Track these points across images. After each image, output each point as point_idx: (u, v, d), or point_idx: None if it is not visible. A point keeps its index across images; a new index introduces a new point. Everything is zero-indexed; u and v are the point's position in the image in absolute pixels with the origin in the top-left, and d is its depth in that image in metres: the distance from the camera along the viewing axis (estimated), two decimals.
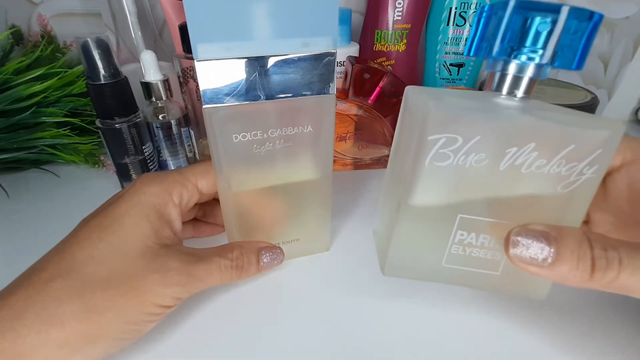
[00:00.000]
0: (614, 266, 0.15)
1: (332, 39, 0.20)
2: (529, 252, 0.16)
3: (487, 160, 0.17)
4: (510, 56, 0.16)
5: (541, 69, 0.16)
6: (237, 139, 0.21)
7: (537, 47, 0.16)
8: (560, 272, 0.16)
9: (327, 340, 0.22)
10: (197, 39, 0.18)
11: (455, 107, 0.17)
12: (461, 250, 0.19)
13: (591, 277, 0.15)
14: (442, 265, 0.20)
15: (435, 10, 0.44)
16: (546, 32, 0.15)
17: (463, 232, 0.19)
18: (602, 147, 0.16)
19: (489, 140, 0.17)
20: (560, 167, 0.17)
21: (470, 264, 0.20)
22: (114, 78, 0.30)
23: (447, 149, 0.17)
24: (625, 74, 0.52)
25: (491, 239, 0.19)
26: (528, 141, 0.16)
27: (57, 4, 0.45)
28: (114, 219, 0.20)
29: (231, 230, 0.25)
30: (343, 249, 0.29)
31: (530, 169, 0.17)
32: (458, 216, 0.19)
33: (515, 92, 0.17)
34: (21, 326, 0.16)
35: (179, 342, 0.22)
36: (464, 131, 0.16)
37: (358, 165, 0.41)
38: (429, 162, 0.17)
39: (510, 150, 0.17)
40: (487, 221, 0.18)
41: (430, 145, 0.17)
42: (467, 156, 0.17)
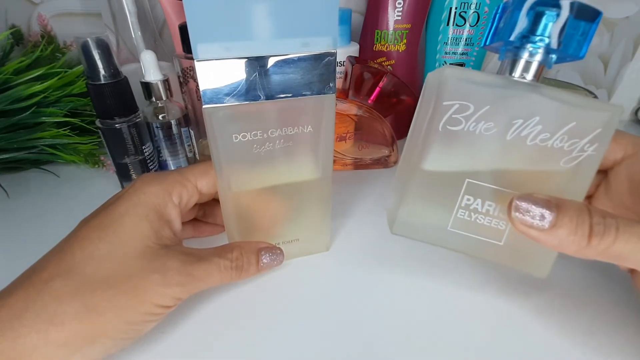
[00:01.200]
0: (611, 232, 0.16)
1: (332, 39, 0.20)
2: (530, 216, 0.17)
3: (496, 129, 0.19)
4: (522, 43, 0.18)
5: (549, 55, 0.18)
6: (237, 139, 0.21)
7: (545, 36, 0.18)
8: (558, 237, 0.16)
9: (327, 340, 0.22)
10: (197, 39, 0.18)
11: (469, 78, 0.19)
12: (467, 215, 0.20)
13: (588, 242, 0.16)
14: (448, 229, 0.21)
15: (435, 10, 0.44)
16: (552, 23, 0.17)
17: (469, 197, 0.20)
18: (602, 127, 0.18)
19: (498, 110, 0.18)
20: (563, 142, 0.18)
21: (475, 231, 0.21)
22: (114, 78, 0.30)
23: (459, 115, 0.18)
24: (625, 74, 0.52)
25: (496, 207, 0.20)
26: (533, 114, 0.18)
27: (57, 4, 0.45)
28: (114, 218, 0.20)
29: (231, 230, 0.25)
30: (343, 249, 0.29)
31: (535, 141, 0.18)
32: (466, 180, 0.20)
33: (525, 75, 0.19)
34: (21, 326, 0.16)
35: (179, 342, 0.22)
36: (475, 100, 0.18)
37: (358, 165, 0.41)
38: (442, 126, 0.19)
39: (517, 122, 0.18)
40: (493, 188, 0.20)
41: (444, 110, 0.18)
42: (477, 123, 0.19)
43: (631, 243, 0.16)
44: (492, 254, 0.21)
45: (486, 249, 0.21)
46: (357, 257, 0.28)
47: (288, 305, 0.24)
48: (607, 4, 0.48)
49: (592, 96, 0.41)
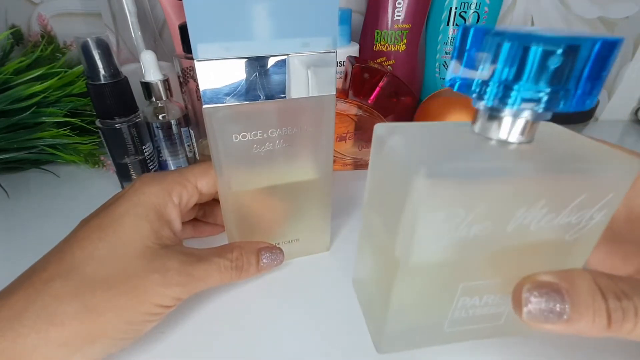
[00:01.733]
0: (629, 317, 0.15)
1: (332, 38, 0.20)
2: (542, 311, 0.15)
3: (492, 227, 0.15)
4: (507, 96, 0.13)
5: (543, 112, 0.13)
6: (237, 139, 0.21)
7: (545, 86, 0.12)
8: (577, 328, 0.15)
9: (327, 340, 0.22)
10: (197, 39, 0.18)
11: (450, 173, 0.14)
12: (464, 313, 0.18)
13: (608, 328, 0.15)
14: (445, 330, 0.19)
15: (435, 10, 0.44)
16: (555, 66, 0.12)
17: (466, 298, 0.18)
18: (614, 190, 0.15)
19: (494, 206, 0.14)
20: (570, 217, 0.15)
21: (474, 322, 0.19)
22: (114, 78, 0.30)
23: (446, 225, 0.15)
24: (625, 74, 0.52)
25: (496, 297, 0.18)
26: (538, 199, 0.14)
27: (57, 4, 0.45)
28: (114, 219, 0.20)
29: (231, 230, 0.25)
30: (343, 249, 0.29)
31: (540, 224, 0.15)
32: (460, 285, 0.17)
33: (511, 138, 0.14)
34: (21, 326, 0.16)
35: (179, 342, 0.22)
36: (465, 202, 0.14)
37: (358, 165, 0.41)
38: (424, 242, 0.15)
39: (519, 212, 0.15)
40: (492, 282, 0.17)
41: (424, 224, 0.14)
42: (470, 227, 0.15)
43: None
44: (492, 334, 0.20)
45: (487, 332, 0.20)
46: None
47: (288, 305, 0.24)
48: (607, 4, 0.48)
49: None
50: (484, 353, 0.21)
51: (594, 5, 0.48)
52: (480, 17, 0.43)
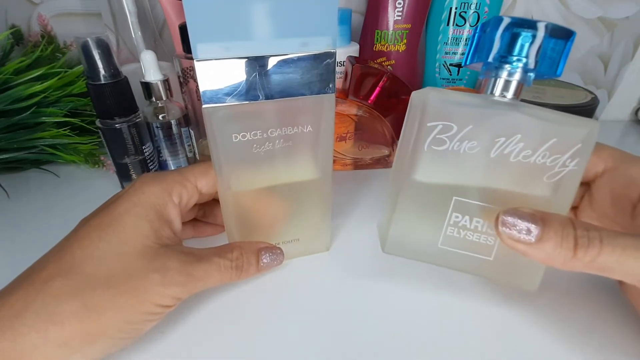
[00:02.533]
0: (595, 244, 0.16)
1: (332, 38, 0.20)
2: (516, 230, 0.17)
3: (479, 148, 0.19)
4: (501, 63, 0.19)
5: (527, 74, 0.19)
6: (237, 138, 0.21)
7: (522, 56, 0.18)
8: (545, 250, 0.17)
9: (327, 340, 0.22)
10: (197, 39, 0.18)
11: (451, 99, 0.19)
12: (456, 232, 0.21)
13: (574, 255, 0.16)
14: (439, 246, 0.21)
15: (435, 10, 0.44)
16: (529, 43, 0.18)
17: (458, 215, 0.21)
18: (581, 142, 0.18)
19: (480, 129, 0.19)
20: (545, 158, 0.19)
21: (465, 247, 0.21)
22: (114, 78, 0.30)
23: (443, 135, 0.19)
24: (625, 74, 0.52)
25: (484, 223, 0.20)
26: (514, 132, 0.19)
27: (57, 4, 0.45)
28: (114, 218, 0.20)
29: (231, 230, 0.25)
30: (343, 249, 0.29)
31: (518, 158, 0.19)
32: (453, 198, 0.20)
33: (505, 94, 0.20)
34: (21, 325, 0.16)
35: (179, 342, 0.22)
36: (458, 120, 0.19)
37: (358, 165, 0.41)
38: (427, 146, 0.19)
39: (499, 140, 0.19)
40: (480, 205, 0.20)
41: (428, 131, 0.19)
42: (461, 143, 0.19)
43: (615, 254, 0.16)
44: (482, 270, 0.22)
45: (477, 265, 0.22)
46: (357, 257, 0.28)
47: (288, 305, 0.24)
48: (607, 4, 0.48)
49: (592, 96, 0.41)
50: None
51: (594, 5, 0.48)
52: (480, 17, 0.43)
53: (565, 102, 0.40)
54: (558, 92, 0.43)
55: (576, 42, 0.50)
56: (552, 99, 0.40)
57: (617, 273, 0.17)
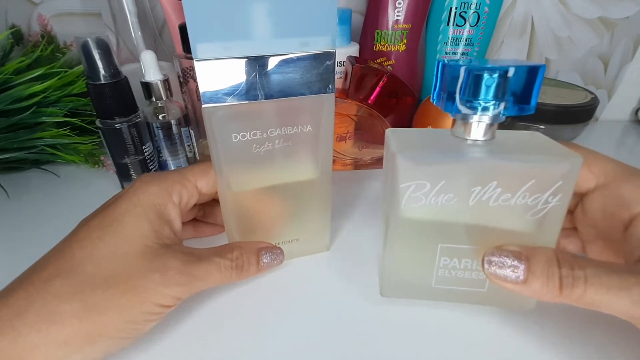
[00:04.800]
0: (579, 284, 0.16)
1: (331, 38, 0.20)
2: (503, 270, 0.18)
3: (456, 199, 0.19)
4: (468, 108, 0.18)
5: (497, 115, 0.18)
6: (237, 138, 0.21)
7: (490, 99, 0.17)
8: (532, 289, 0.17)
9: (327, 340, 0.22)
10: (197, 39, 0.18)
11: (420, 157, 0.19)
12: (447, 273, 0.22)
13: (560, 293, 0.17)
14: (433, 285, 0.22)
15: (435, 10, 0.44)
16: (494, 85, 0.17)
17: (446, 258, 0.21)
18: (562, 179, 0.18)
19: (454, 182, 0.19)
20: (525, 199, 0.19)
21: (458, 284, 0.22)
22: (114, 78, 0.30)
23: (418, 193, 0.19)
24: (625, 74, 0.52)
25: (473, 262, 0.21)
26: (490, 180, 0.18)
27: (57, 4, 0.45)
28: (114, 218, 0.20)
29: (231, 230, 0.25)
30: (343, 249, 0.29)
31: (498, 202, 0.19)
32: (439, 246, 0.21)
33: (477, 137, 0.19)
34: (21, 325, 0.16)
35: (179, 342, 0.22)
36: (430, 178, 0.19)
37: (358, 165, 0.41)
38: (404, 204, 0.20)
39: (475, 189, 0.19)
40: (466, 248, 0.21)
41: (402, 191, 0.19)
42: (437, 197, 0.19)
43: (600, 294, 0.16)
44: (478, 300, 0.22)
45: (472, 297, 0.22)
46: (357, 257, 0.28)
47: (288, 305, 0.24)
48: (607, 4, 0.48)
49: (592, 96, 0.41)
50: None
51: (594, 5, 0.48)
52: (480, 17, 0.43)
53: (565, 102, 0.40)
54: (558, 92, 0.43)
55: (576, 42, 0.50)
56: (552, 99, 0.40)
57: (605, 309, 0.17)
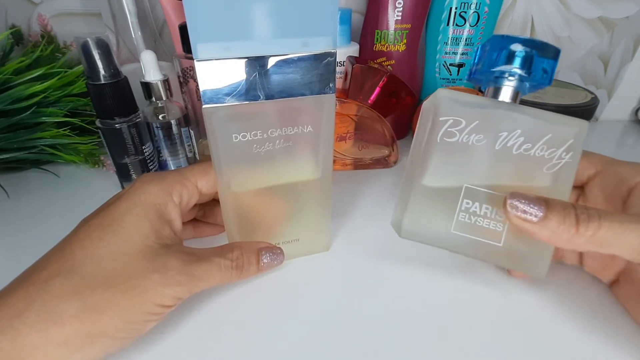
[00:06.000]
0: (594, 219, 0.18)
1: (332, 38, 0.20)
2: (523, 208, 0.19)
3: (485, 141, 0.22)
4: (501, 74, 0.22)
5: (523, 83, 0.22)
6: (237, 138, 0.21)
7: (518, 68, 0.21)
8: (549, 227, 0.19)
9: (327, 340, 0.22)
10: (197, 39, 0.18)
11: (460, 99, 0.22)
12: (467, 218, 0.22)
13: (577, 230, 0.18)
14: (451, 232, 0.23)
15: (435, 10, 0.45)
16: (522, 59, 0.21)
17: (468, 201, 0.22)
18: (574, 138, 0.21)
19: (486, 124, 0.21)
20: (543, 151, 0.21)
21: (476, 233, 0.22)
22: (114, 78, 0.30)
23: (453, 129, 0.22)
24: (625, 74, 0.52)
25: (493, 210, 0.22)
26: (515, 128, 0.21)
27: (57, 4, 0.45)
28: (114, 218, 0.20)
29: (231, 230, 0.25)
30: (343, 249, 0.29)
31: (520, 151, 0.21)
32: (464, 186, 0.22)
33: (505, 99, 0.22)
34: (21, 324, 0.16)
35: (179, 342, 0.22)
36: (466, 116, 0.21)
37: (358, 165, 0.41)
38: (440, 138, 0.22)
39: (502, 134, 0.21)
40: (488, 192, 0.22)
41: (441, 124, 0.22)
42: (469, 136, 0.22)
43: (613, 228, 0.18)
44: (492, 256, 0.23)
45: (487, 251, 0.23)
46: (357, 257, 0.28)
47: (288, 305, 0.24)
48: (607, 4, 0.48)
49: (592, 96, 0.41)
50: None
51: (594, 5, 0.48)
52: (480, 17, 0.43)
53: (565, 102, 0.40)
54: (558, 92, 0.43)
55: (576, 42, 0.50)
56: (552, 99, 0.40)
57: (617, 247, 0.18)
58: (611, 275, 0.24)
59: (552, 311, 0.24)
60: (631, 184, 0.21)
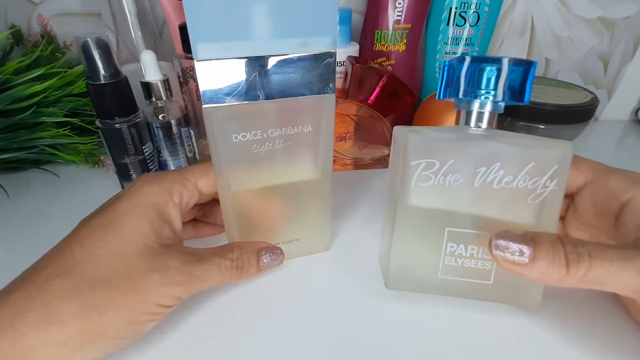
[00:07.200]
0: (584, 259, 0.17)
1: (332, 38, 0.20)
2: (510, 252, 0.18)
3: (463, 179, 0.20)
4: (472, 97, 0.21)
5: (497, 104, 0.21)
6: (237, 138, 0.21)
7: (490, 89, 0.20)
8: (539, 269, 0.18)
9: (327, 341, 0.22)
10: (197, 39, 0.18)
11: (430, 138, 0.20)
12: (453, 261, 0.22)
13: (567, 271, 0.17)
14: (439, 276, 0.22)
15: (435, 10, 0.44)
16: (494, 77, 0.20)
17: (453, 244, 0.22)
18: (558, 163, 0.19)
19: (461, 162, 0.20)
20: (526, 182, 0.20)
21: (464, 275, 0.22)
22: (114, 78, 0.30)
23: (427, 172, 0.20)
24: (625, 74, 0.52)
25: (479, 249, 0.21)
26: (493, 161, 0.20)
27: (57, 4, 0.45)
28: (114, 218, 0.20)
29: (231, 231, 0.25)
30: (343, 249, 0.29)
31: (501, 185, 0.20)
32: (446, 230, 0.21)
33: (480, 125, 0.21)
34: (21, 324, 0.16)
35: (179, 342, 0.22)
36: (439, 156, 0.20)
37: (358, 165, 0.41)
38: (414, 183, 0.21)
39: (481, 170, 0.20)
40: (472, 233, 0.21)
41: (413, 169, 0.20)
42: (445, 177, 0.20)
43: (605, 267, 0.17)
44: (483, 294, 0.22)
45: (478, 290, 0.22)
46: (357, 257, 0.28)
47: (288, 305, 0.24)
48: (607, 4, 0.48)
49: (592, 96, 0.41)
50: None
51: (594, 5, 0.48)
52: (480, 17, 0.43)
53: (565, 102, 0.39)
54: (558, 92, 0.43)
55: (576, 42, 0.50)
56: (552, 99, 0.40)
57: (610, 286, 0.17)
58: None
59: (553, 323, 0.24)
60: (623, 199, 0.21)
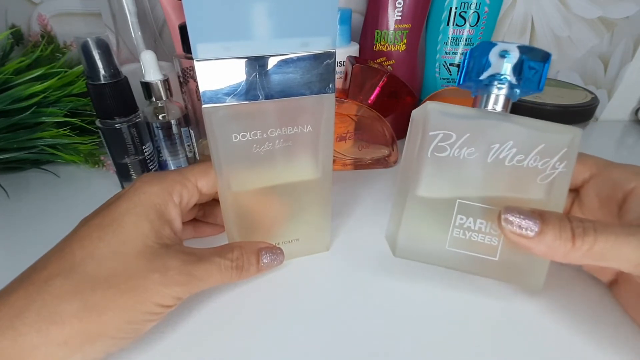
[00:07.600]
0: (590, 233, 0.18)
1: (332, 38, 0.20)
2: (518, 223, 0.19)
3: (477, 154, 0.21)
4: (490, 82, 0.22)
5: (513, 90, 0.22)
6: (237, 138, 0.21)
7: (507, 74, 0.21)
8: (545, 242, 0.18)
9: (327, 341, 0.22)
10: (197, 39, 0.18)
11: (449, 112, 0.21)
12: (462, 233, 0.22)
13: (573, 244, 0.18)
14: (446, 248, 0.22)
15: (435, 10, 0.44)
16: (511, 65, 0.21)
17: (462, 216, 0.22)
18: (567, 147, 0.21)
19: (477, 137, 0.21)
20: (536, 162, 0.21)
21: (471, 248, 0.22)
22: (114, 78, 0.30)
23: (444, 143, 0.21)
24: (625, 74, 0.52)
25: (487, 224, 0.22)
26: (507, 139, 0.21)
27: (57, 4, 0.45)
28: (114, 218, 0.20)
29: (231, 230, 0.25)
30: (343, 249, 0.29)
31: (512, 162, 0.21)
32: (457, 201, 0.22)
33: (495, 107, 0.22)
34: (21, 324, 0.16)
35: (179, 342, 0.22)
36: (456, 129, 0.21)
37: (358, 165, 0.41)
38: (430, 153, 0.21)
39: (494, 146, 0.21)
40: (482, 207, 0.22)
41: (430, 139, 0.21)
42: (460, 149, 0.21)
43: (610, 241, 0.18)
44: (488, 270, 0.23)
45: (483, 266, 0.23)
46: (357, 257, 0.28)
47: (288, 305, 0.24)
48: (607, 4, 0.48)
49: (592, 96, 0.41)
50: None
51: (594, 5, 0.48)
52: (480, 17, 0.43)
53: (565, 102, 0.39)
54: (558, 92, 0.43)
55: (576, 42, 0.50)
56: (552, 99, 0.40)
57: (613, 260, 0.18)
58: (610, 275, 0.24)
59: (553, 313, 0.24)
60: (626, 188, 0.21)
